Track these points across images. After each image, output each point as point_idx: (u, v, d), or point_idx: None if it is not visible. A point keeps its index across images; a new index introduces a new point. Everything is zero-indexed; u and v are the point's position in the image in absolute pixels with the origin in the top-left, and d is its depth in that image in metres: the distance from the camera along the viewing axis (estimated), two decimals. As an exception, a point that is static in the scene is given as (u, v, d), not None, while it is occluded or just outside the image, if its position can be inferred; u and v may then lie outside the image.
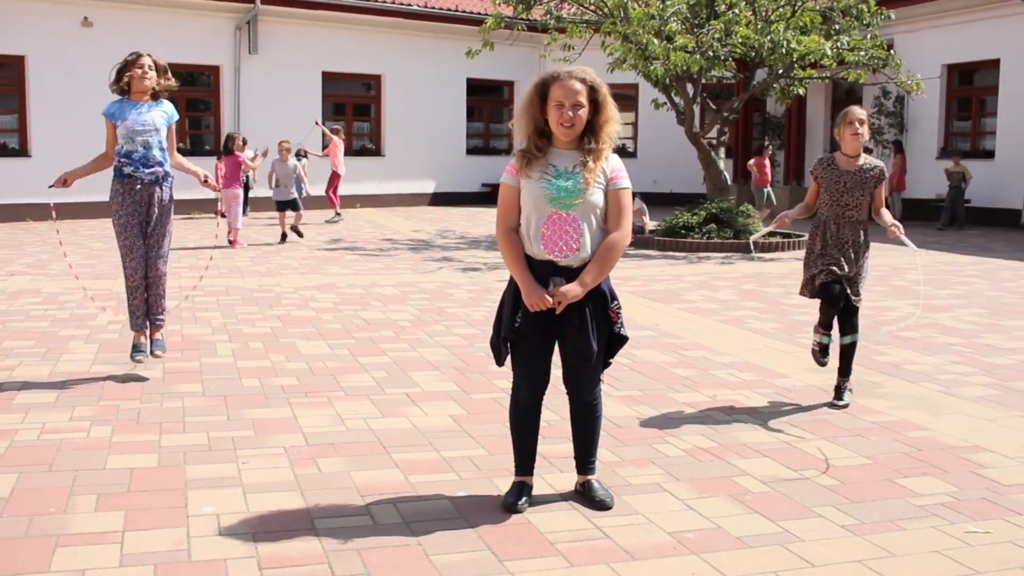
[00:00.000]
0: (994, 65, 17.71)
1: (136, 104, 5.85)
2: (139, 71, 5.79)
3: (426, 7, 21.63)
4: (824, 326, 5.65)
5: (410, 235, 15.54)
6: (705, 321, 8.21)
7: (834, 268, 5.38)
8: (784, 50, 13.01)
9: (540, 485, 4.08)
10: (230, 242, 13.54)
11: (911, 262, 12.26)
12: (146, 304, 5.93)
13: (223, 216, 13.34)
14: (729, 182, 15.42)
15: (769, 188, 17.41)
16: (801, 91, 15.02)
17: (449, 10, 21.89)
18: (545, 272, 3.76)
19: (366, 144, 22.48)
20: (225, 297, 9.02)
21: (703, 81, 14.88)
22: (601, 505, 3.90)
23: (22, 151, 17.53)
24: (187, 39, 18.86)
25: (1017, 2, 16.74)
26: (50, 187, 6.04)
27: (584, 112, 3.73)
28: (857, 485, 4.22)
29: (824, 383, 5.89)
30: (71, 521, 3.66)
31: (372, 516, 3.78)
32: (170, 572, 3.26)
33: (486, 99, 23.76)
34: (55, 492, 3.95)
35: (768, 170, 17.44)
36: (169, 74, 6.00)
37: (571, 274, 3.75)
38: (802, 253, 6.85)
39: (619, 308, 3.93)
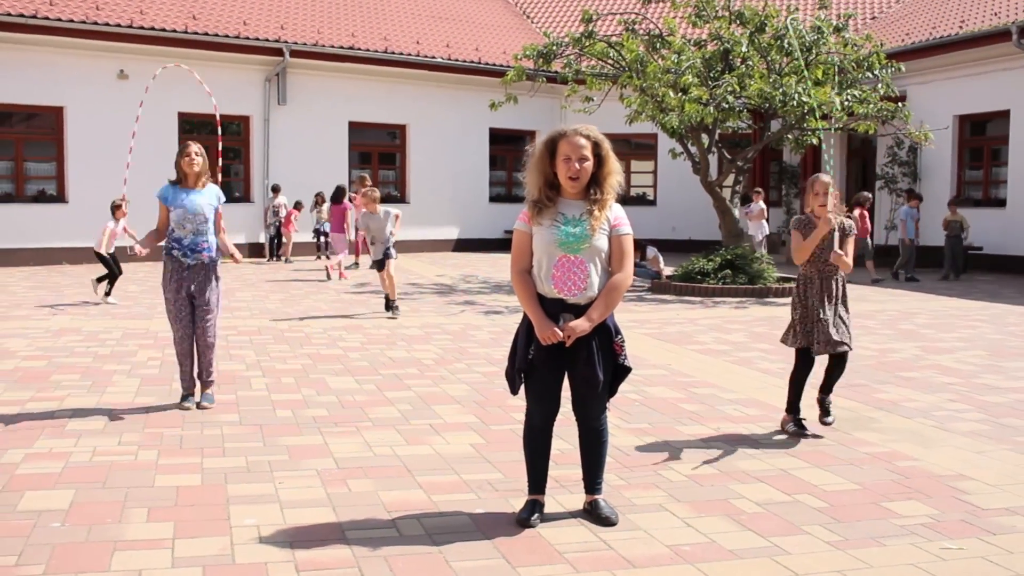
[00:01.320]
0: (1004, 116, 18.11)
1: (188, 190, 6.37)
2: (187, 159, 6.32)
3: (449, 59, 22.32)
4: (792, 408, 6.01)
5: (434, 279, 16.01)
6: (715, 361, 8.57)
7: (817, 338, 5.85)
8: (796, 102, 13.45)
9: (551, 504, 4.45)
10: (338, 275, 15.77)
11: (921, 307, 12.58)
12: (195, 368, 6.42)
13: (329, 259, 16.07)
14: (748, 231, 15.85)
15: (869, 239, 17.06)
16: (815, 141, 15.45)
17: (472, 62, 22.58)
18: (556, 309, 4.17)
19: (391, 191, 23.07)
20: (258, 337, 9.47)
21: (718, 131, 15.37)
22: (606, 521, 4.26)
23: (59, 197, 18.20)
24: (218, 90, 19.45)
25: (1025, 55, 17.17)
26: (133, 248, 6.55)
27: (589, 165, 4.16)
28: (845, 507, 4.56)
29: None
30: (125, 530, 4.07)
31: (398, 529, 4.16)
32: (217, 573, 3.65)
33: (508, 148, 24.35)
34: (110, 505, 4.36)
35: (868, 221, 16.91)
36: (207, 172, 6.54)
37: (579, 311, 4.15)
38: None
39: (623, 341, 4.32)
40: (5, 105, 17.71)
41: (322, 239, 19.64)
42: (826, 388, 6.02)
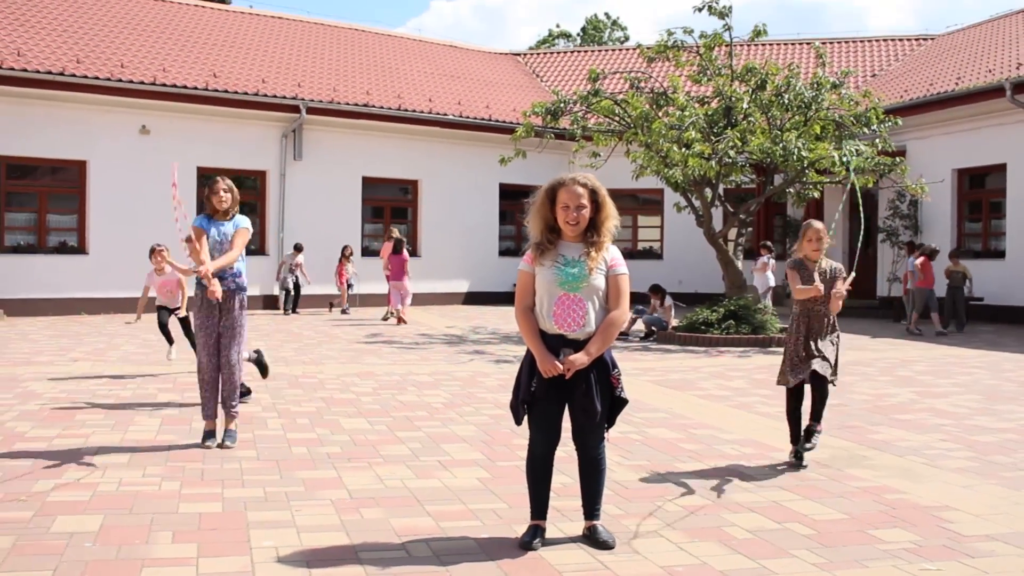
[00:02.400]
0: (1001, 169, 18.52)
1: (218, 222, 6.81)
2: (216, 196, 6.74)
3: (460, 116, 22.91)
4: (795, 439, 6.36)
5: (444, 330, 16.31)
6: (715, 405, 8.82)
7: (806, 371, 6.22)
8: (796, 157, 13.84)
9: (552, 530, 4.71)
10: (399, 319, 17.28)
11: (921, 356, 12.81)
12: (218, 395, 6.72)
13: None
14: (754, 283, 16.14)
15: (933, 289, 17.11)
16: (816, 195, 15.82)
17: (482, 119, 23.16)
18: (556, 344, 4.48)
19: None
20: (272, 382, 9.76)
21: (722, 185, 15.76)
22: (604, 545, 4.51)
23: (80, 249, 18.66)
24: (237, 146, 20.16)
25: (1020, 110, 17.57)
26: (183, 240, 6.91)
27: (587, 211, 4.49)
28: (831, 534, 4.80)
29: (818, 455, 6.48)
30: (152, 549, 4.34)
31: (408, 551, 4.42)
32: (239, 587, 3.92)
33: (518, 203, 24.63)
34: (137, 528, 4.64)
35: (932, 272, 16.97)
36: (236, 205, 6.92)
37: (578, 346, 4.46)
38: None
39: (619, 375, 4.61)
40: (30, 159, 18.30)
41: (289, 295, 19.88)
42: (815, 415, 6.40)
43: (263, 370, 9.38)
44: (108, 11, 22.25)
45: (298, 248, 20.02)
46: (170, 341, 10.98)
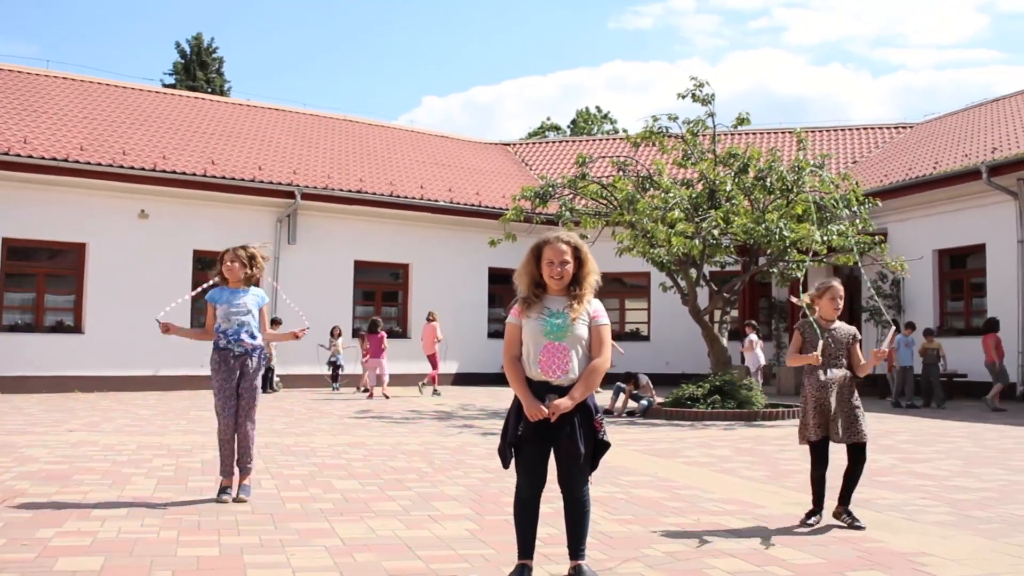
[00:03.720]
0: (980, 249, 18.98)
1: (233, 291, 7.10)
2: (225, 265, 7.06)
3: (451, 202, 23.45)
4: (815, 503, 6.47)
5: (434, 408, 16.46)
6: (700, 471, 8.99)
7: (825, 430, 6.37)
8: (778, 236, 14.24)
9: (540, 573, 4.87)
10: (385, 396, 18.08)
11: (903, 428, 13.01)
12: (235, 454, 6.94)
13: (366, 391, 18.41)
14: (745, 363, 16.41)
15: (1003, 363, 17.35)
16: (799, 275, 16.19)
17: (472, 205, 23.70)
18: (542, 390, 4.72)
19: (394, 327, 23.76)
20: (264, 449, 9.90)
21: (707, 267, 16.13)
22: (588, 583, 4.68)
23: (76, 328, 18.88)
24: (233, 230, 20.50)
25: (996, 191, 18.14)
26: (156, 319, 7.00)
27: (570, 267, 4.80)
28: (809, 574, 4.97)
29: (796, 512, 6.66)
30: (154, 586, 4.50)
31: (399, 587, 4.58)
32: (237, 615, 4.07)
33: (507, 287, 25.13)
34: (138, 568, 4.79)
35: (1002, 348, 17.22)
36: (258, 259, 7.19)
37: (563, 391, 4.70)
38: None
39: (602, 419, 4.84)
40: (31, 241, 18.67)
41: (336, 371, 20.58)
42: (845, 497, 6.43)
43: None
44: (112, 101, 22.92)
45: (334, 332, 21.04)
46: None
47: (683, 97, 15.57)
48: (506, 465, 4.84)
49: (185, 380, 19.35)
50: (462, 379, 23.77)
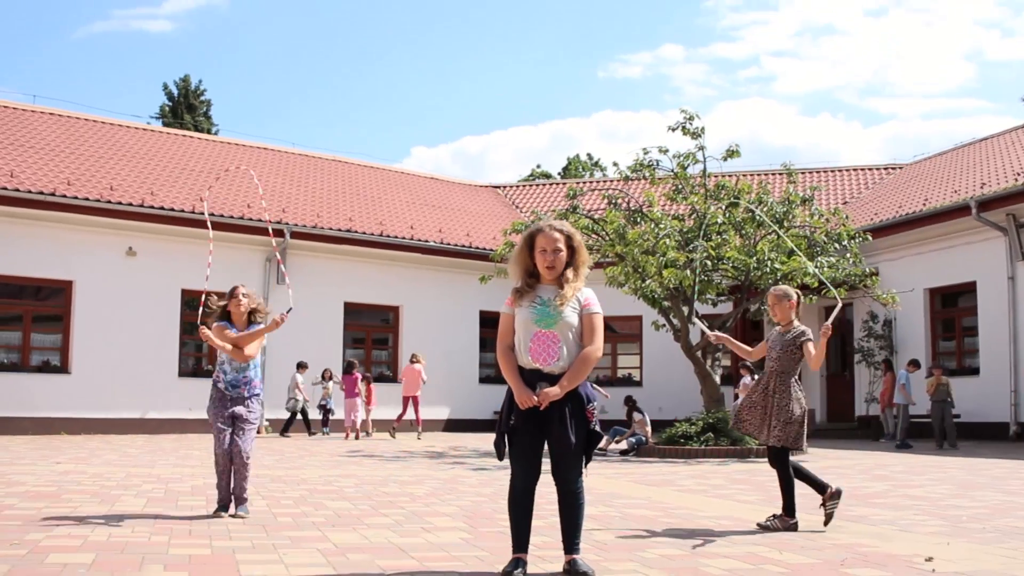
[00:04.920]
0: (971, 288, 19.10)
1: (238, 329, 7.00)
2: (234, 300, 7.03)
3: (441, 243, 23.46)
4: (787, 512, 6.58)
5: (424, 448, 16.34)
6: (693, 496, 8.94)
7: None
8: (768, 269, 14.32)
9: (535, 568, 4.82)
10: (367, 433, 18.87)
11: (898, 461, 12.98)
12: (231, 483, 6.84)
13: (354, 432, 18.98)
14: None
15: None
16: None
17: (463, 246, 23.72)
18: (533, 378, 4.72)
19: (384, 371, 23.65)
20: (255, 479, 9.77)
21: (699, 304, 16.16)
22: (584, 576, 4.64)
23: (62, 368, 18.73)
24: (221, 269, 20.31)
25: (986, 227, 18.30)
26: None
27: (563, 255, 4.83)
28: (805, 572, 4.94)
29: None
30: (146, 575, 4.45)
31: (393, 581, 4.53)
32: (230, 602, 4.02)
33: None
34: (129, 562, 4.74)
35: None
36: (260, 311, 7.20)
37: (554, 380, 4.71)
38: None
39: (595, 409, 4.83)
40: (16, 278, 18.54)
41: (327, 415, 20.39)
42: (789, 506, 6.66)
43: None
44: (100, 137, 23.03)
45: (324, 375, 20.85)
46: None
47: (673, 130, 15.72)
48: (500, 457, 4.82)
49: (175, 424, 19.12)
50: (453, 425, 23.58)
